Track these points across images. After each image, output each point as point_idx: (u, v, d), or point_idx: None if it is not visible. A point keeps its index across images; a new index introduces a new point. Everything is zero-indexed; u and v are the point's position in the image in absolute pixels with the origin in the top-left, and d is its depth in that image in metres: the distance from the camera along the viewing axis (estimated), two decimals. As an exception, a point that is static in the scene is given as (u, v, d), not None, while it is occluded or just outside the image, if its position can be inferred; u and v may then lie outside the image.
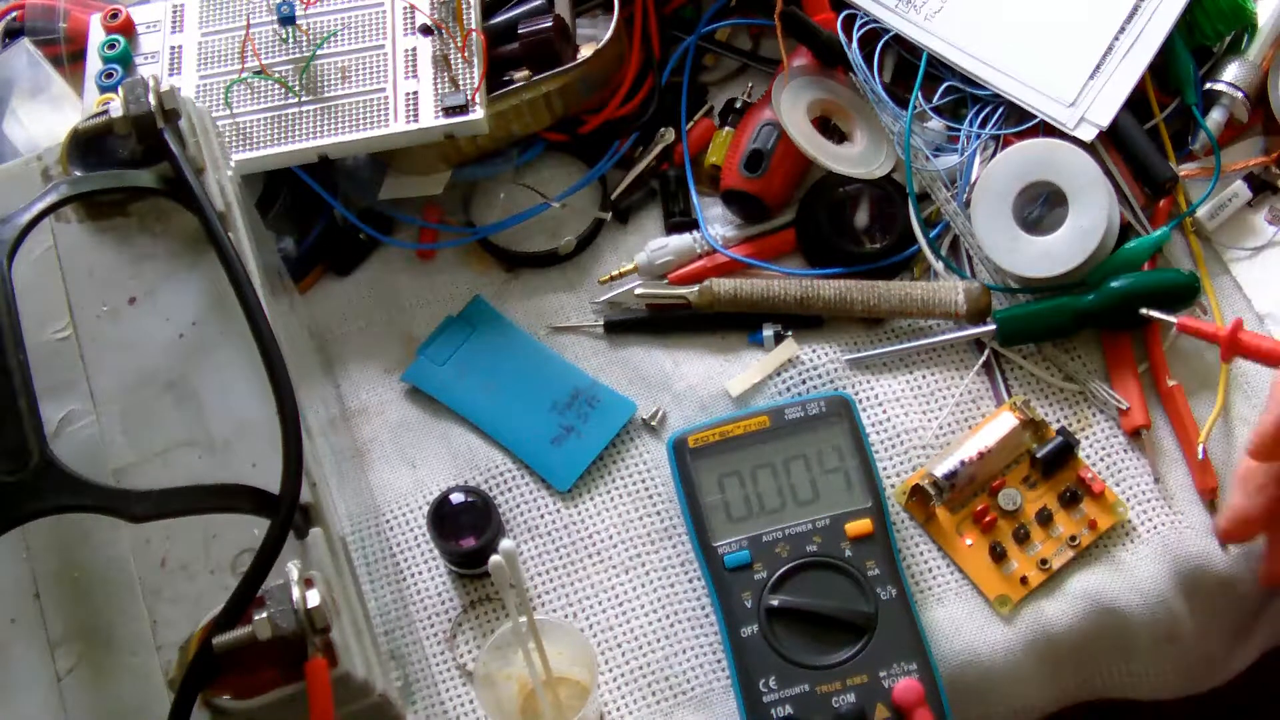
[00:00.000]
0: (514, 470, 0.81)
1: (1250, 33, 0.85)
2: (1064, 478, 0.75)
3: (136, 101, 0.62)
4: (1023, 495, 0.75)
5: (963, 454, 0.74)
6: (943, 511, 0.75)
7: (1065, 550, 0.74)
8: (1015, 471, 0.76)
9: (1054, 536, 0.74)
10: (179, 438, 0.59)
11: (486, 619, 0.77)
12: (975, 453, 0.74)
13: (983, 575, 0.74)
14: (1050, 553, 0.74)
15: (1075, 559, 0.74)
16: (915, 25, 0.86)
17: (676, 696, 0.74)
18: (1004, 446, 0.75)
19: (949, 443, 0.78)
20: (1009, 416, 0.75)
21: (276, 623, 0.52)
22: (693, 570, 0.77)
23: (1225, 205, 0.82)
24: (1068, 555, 0.74)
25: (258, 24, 0.86)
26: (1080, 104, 0.82)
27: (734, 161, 0.85)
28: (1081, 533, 0.74)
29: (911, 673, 0.70)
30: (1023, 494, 0.75)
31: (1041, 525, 0.74)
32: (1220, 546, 0.73)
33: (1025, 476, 0.76)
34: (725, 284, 0.83)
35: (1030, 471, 0.76)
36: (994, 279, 0.82)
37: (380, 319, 0.87)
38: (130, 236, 0.64)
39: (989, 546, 0.74)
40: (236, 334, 0.59)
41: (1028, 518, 0.75)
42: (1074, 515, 0.75)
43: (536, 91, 0.84)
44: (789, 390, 0.80)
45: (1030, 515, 0.75)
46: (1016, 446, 0.75)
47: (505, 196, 0.90)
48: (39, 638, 0.56)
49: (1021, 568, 0.73)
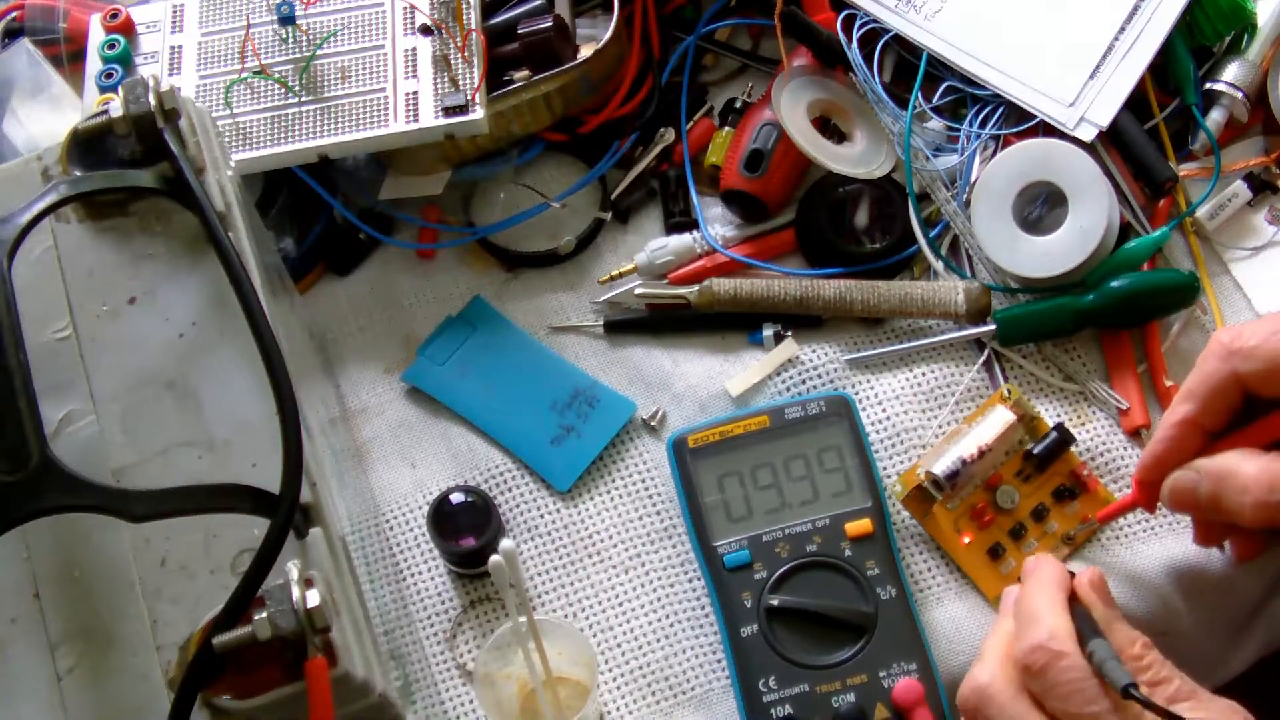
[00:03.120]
0: (514, 470, 0.81)
1: (1250, 33, 0.85)
2: (1058, 471, 0.75)
3: (136, 101, 0.62)
4: (1018, 491, 0.75)
5: (963, 451, 0.74)
6: (940, 509, 0.75)
7: (1061, 548, 0.74)
8: (1008, 465, 0.76)
9: (1049, 533, 0.74)
10: (179, 438, 0.59)
11: (486, 619, 0.77)
12: (975, 450, 0.74)
13: (981, 574, 0.74)
14: (1047, 550, 0.74)
15: (1071, 555, 0.74)
16: (915, 25, 0.86)
17: (676, 696, 0.74)
18: (1002, 442, 0.75)
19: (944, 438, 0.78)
20: (1004, 411, 0.75)
21: (276, 623, 0.52)
22: (692, 570, 0.77)
23: (1225, 205, 0.83)
24: (1064, 553, 0.74)
25: (258, 24, 0.86)
26: (1080, 104, 0.82)
27: (734, 161, 0.85)
28: (1076, 530, 0.74)
29: (911, 672, 0.70)
30: (1017, 489, 0.75)
31: (1037, 522, 0.74)
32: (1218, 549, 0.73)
33: (1019, 470, 0.76)
34: (725, 284, 0.83)
35: (1024, 465, 0.76)
36: (994, 279, 0.82)
37: (380, 319, 0.87)
38: (130, 236, 0.64)
39: (987, 546, 0.74)
40: (236, 334, 0.59)
41: (1024, 515, 0.75)
42: (1068, 510, 0.75)
43: (536, 91, 0.84)
44: (789, 390, 0.80)
45: (1025, 512, 0.75)
46: (1013, 441, 0.75)
47: (505, 196, 0.90)
48: (39, 638, 0.56)
49: (1019, 566, 0.73)
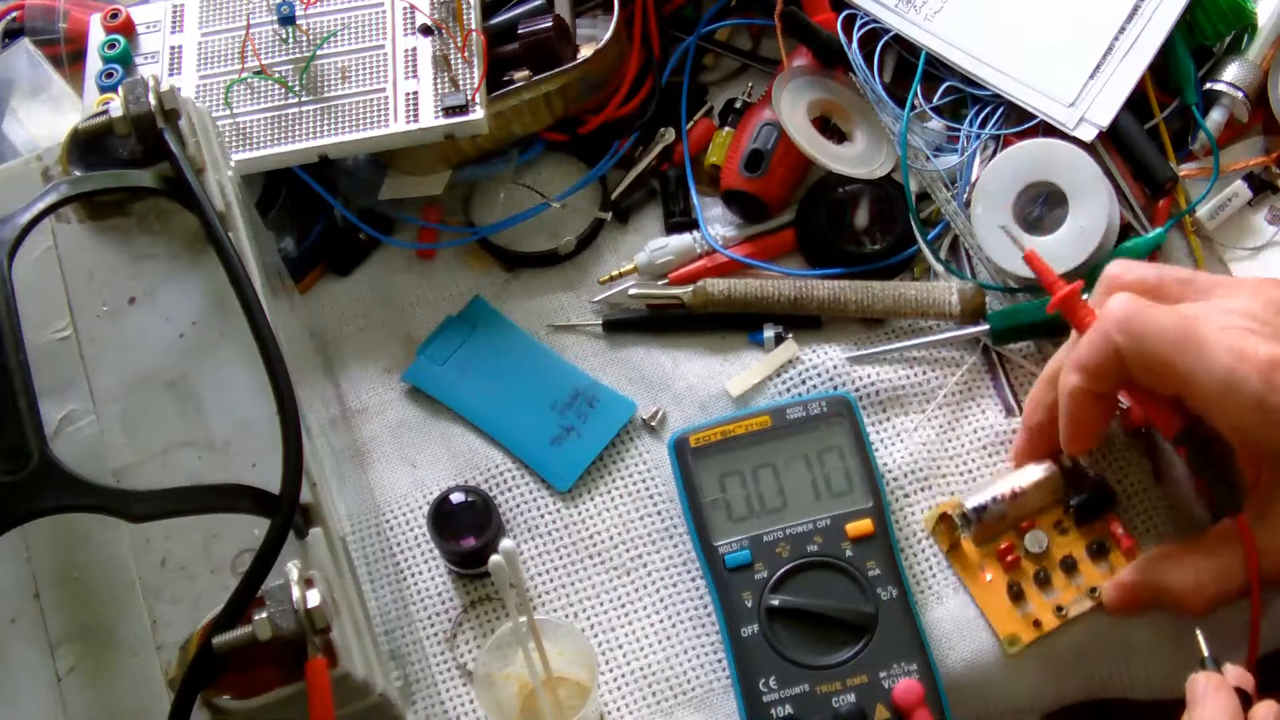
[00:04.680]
0: (514, 470, 0.81)
1: (1250, 33, 0.85)
2: (1096, 528, 0.74)
3: (136, 101, 0.62)
4: (1050, 539, 0.73)
5: (996, 490, 0.73)
6: (967, 544, 0.74)
7: (1084, 600, 0.72)
8: (1049, 515, 0.74)
9: (1075, 585, 0.73)
10: (179, 438, 0.59)
11: (486, 619, 0.77)
12: (1009, 490, 0.73)
13: (997, 612, 0.73)
14: (1068, 600, 0.72)
15: (1094, 609, 0.72)
16: (915, 25, 0.86)
17: (677, 696, 0.74)
18: (1039, 489, 0.74)
19: (951, 440, 0.78)
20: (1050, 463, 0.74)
21: (276, 623, 0.52)
22: (693, 570, 0.77)
23: (1225, 205, 0.82)
24: (1086, 605, 0.72)
25: (258, 24, 0.86)
26: (1080, 104, 0.82)
27: (734, 161, 0.85)
28: (1104, 586, 0.72)
29: (912, 673, 0.70)
30: (1051, 538, 0.73)
31: (1065, 572, 0.73)
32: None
33: (1057, 521, 0.74)
34: (719, 284, 0.83)
35: (1063, 517, 0.74)
36: (994, 279, 0.82)
37: (380, 319, 0.87)
38: (130, 236, 0.64)
39: (1008, 584, 0.73)
40: (236, 334, 0.59)
41: (1052, 562, 0.73)
42: (1099, 568, 0.73)
43: (536, 91, 0.84)
44: (789, 390, 0.80)
45: (1055, 560, 0.73)
46: (1053, 490, 0.74)
47: (505, 196, 0.90)
48: (39, 638, 0.56)
49: (1037, 610, 0.72)
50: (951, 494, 0.76)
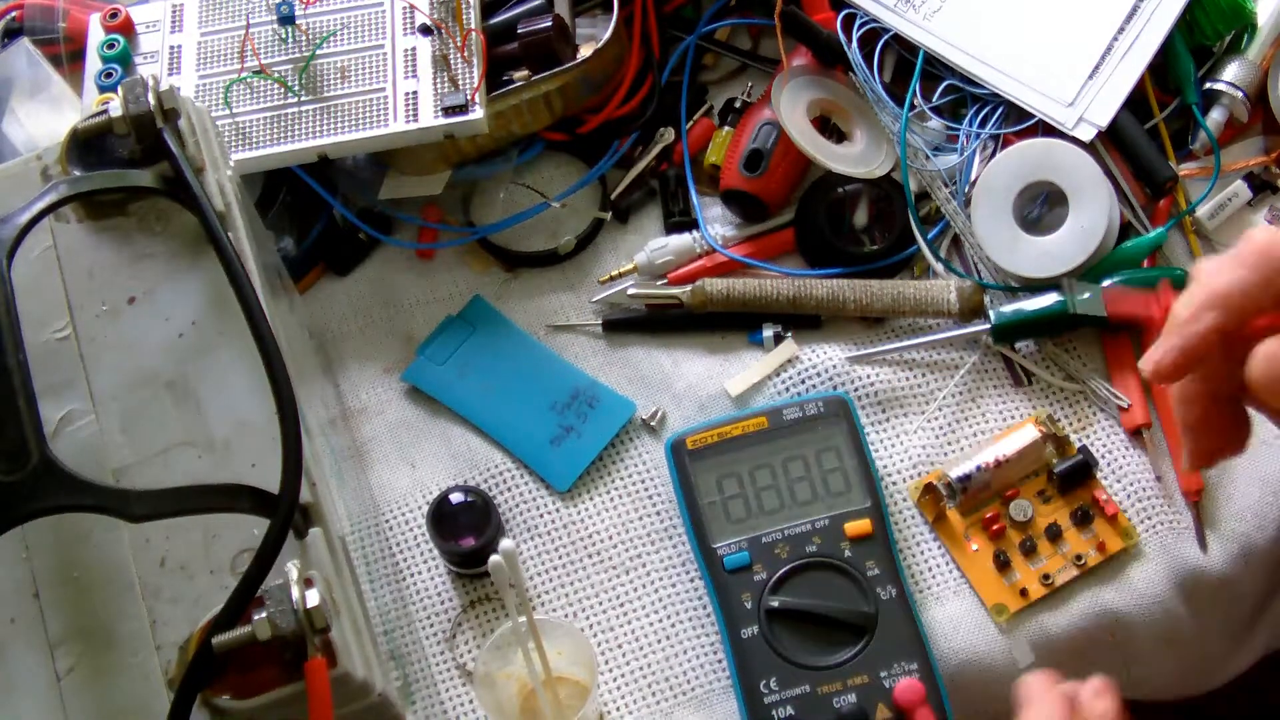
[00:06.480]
0: (514, 470, 0.81)
1: (1250, 32, 0.85)
2: (1079, 495, 0.75)
3: (136, 101, 0.62)
4: (1035, 508, 0.74)
5: (980, 459, 0.74)
6: (953, 514, 0.75)
7: (1070, 568, 0.73)
8: (1032, 484, 0.75)
9: (1061, 553, 0.73)
10: (179, 438, 0.59)
11: (486, 619, 0.77)
12: (993, 459, 0.74)
13: (983, 581, 0.73)
14: (1055, 569, 0.73)
15: (1079, 578, 0.73)
16: (914, 25, 0.86)
17: (677, 697, 0.74)
18: (1023, 457, 0.74)
19: (950, 440, 0.78)
20: (1031, 429, 0.75)
21: (276, 622, 0.52)
22: (693, 570, 0.77)
23: (1225, 205, 0.82)
24: (1072, 573, 0.73)
25: (257, 24, 0.86)
26: (1079, 104, 0.82)
27: (734, 161, 0.85)
28: (1089, 553, 0.73)
29: (912, 672, 0.70)
30: (1035, 506, 0.74)
31: (1050, 540, 0.74)
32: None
33: (1041, 490, 0.75)
34: (718, 284, 0.83)
35: (1046, 486, 0.75)
36: (994, 278, 0.82)
37: (380, 319, 0.87)
38: (130, 236, 0.64)
39: (994, 554, 0.74)
40: (236, 334, 0.59)
41: (1037, 531, 0.74)
42: (1084, 535, 0.74)
43: (536, 91, 0.84)
44: (788, 390, 0.80)
45: (1040, 529, 0.74)
46: (1036, 459, 0.75)
47: (505, 196, 0.90)
48: (39, 638, 0.56)
49: (1024, 579, 0.73)
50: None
